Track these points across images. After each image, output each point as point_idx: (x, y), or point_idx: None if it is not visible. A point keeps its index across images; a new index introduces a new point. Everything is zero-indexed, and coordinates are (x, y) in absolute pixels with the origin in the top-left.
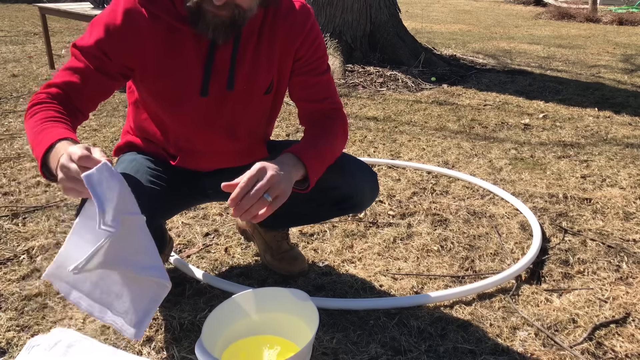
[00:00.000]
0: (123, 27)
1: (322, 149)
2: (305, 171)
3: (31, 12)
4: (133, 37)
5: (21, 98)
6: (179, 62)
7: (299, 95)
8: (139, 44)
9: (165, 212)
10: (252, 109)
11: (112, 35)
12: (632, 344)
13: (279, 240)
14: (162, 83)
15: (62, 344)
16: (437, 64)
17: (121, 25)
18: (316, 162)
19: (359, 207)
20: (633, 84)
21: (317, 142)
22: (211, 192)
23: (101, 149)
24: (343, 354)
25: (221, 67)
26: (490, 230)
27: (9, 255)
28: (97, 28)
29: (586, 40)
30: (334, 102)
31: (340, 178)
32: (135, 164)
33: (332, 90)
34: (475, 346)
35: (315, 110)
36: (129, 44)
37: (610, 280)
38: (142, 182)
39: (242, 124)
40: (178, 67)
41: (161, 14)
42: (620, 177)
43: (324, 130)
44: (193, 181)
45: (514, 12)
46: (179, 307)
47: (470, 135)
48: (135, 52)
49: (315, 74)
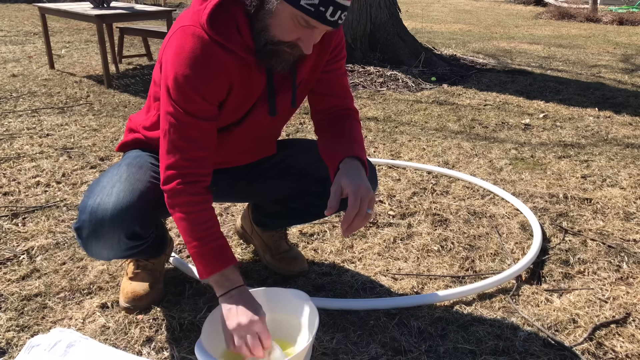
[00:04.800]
0: (212, 69)
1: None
2: (365, 169)
3: (31, 12)
4: (221, 75)
5: (21, 98)
6: (249, 87)
7: (321, 90)
8: (225, 79)
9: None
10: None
11: (208, 82)
12: (633, 344)
13: (277, 240)
14: (236, 107)
15: (61, 344)
16: (437, 63)
17: (211, 68)
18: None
19: None
20: (633, 83)
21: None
22: (214, 190)
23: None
24: (343, 354)
25: (279, 88)
26: (490, 231)
27: (8, 255)
28: (188, 82)
29: (586, 40)
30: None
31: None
32: (140, 159)
33: (349, 90)
34: (476, 346)
35: (335, 105)
36: (220, 83)
37: (610, 280)
38: (146, 177)
39: (276, 133)
40: (249, 92)
41: (235, 48)
42: (621, 177)
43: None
44: None
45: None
46: (179, 307)
47: (471, 135)
48: (224, 87)
49: (340, 74)
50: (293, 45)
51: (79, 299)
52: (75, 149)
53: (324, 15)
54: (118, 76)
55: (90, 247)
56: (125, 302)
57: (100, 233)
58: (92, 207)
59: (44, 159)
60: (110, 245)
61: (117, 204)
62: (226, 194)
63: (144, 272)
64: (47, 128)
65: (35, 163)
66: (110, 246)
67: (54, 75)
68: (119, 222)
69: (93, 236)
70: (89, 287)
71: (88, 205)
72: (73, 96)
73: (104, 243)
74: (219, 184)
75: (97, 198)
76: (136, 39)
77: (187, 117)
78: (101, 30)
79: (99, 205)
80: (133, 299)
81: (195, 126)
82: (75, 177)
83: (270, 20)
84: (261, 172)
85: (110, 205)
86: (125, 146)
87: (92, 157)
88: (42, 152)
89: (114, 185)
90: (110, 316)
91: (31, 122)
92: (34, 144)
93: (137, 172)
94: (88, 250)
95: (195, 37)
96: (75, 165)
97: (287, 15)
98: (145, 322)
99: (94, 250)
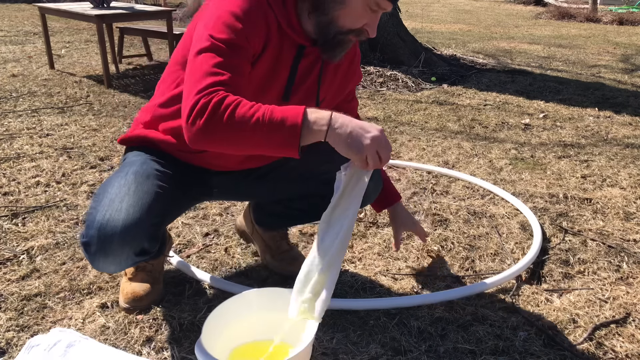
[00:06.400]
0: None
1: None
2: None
3: (31, 12)
4: (264, 27)
5: (21, 98)
6: (278, 60)
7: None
8: (265, 32)
9: (173, 217)
10: None
11: (254, 26)
12: (633, 344)
13: (278, 240)
14: (262, 75)
15: (61, 344)
16: (437, 63)
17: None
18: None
19: (364, 199)
20: (633, 83)
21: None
22: (216, 191)
23: None
24: (343, 354)
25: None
26: (490, 230)
27: (8, 255)
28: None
29: (586, 40)
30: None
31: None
32: (146, 167)
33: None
34: (475, 346)
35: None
36: (261, 32)
37: (610, 280)
38: (153, 188)
39: None
40: (277, 64)
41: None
42: (621, 177)
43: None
44: (201, 180)
45: (514, 11)
46: (179, 307)
47: (471, 135)
48: (262, 39)
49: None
50: (359, 32)
51: (78, 299)
52: (75, 149)
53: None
54: (118, 76)
55: (98, 262)
56: (125, 302)
57: (109, 250)
58: (100, 223)
59: (43, 159)
60: (119, 262)
61: (127, 220)
62: (228, 193)
63: (143, 272)
64: (47, 128)
65: (35, 163)
66: (118, 262)
67: (54, 75)
68: (129, 240)
69: (101, 253)
70: (89, 287)
71: (96, 221)
72: (73, 96)
73: (112, 259)
74: (222, 184)
75: (105, 213)
76: (136, 39)
77: (227, 49)
78: (101, 30)
79: (107, 222)
80: (133, 300)
81: (236, 56)
82: (75, 177)
83: (340, 10)
84: (265, 173)
85: (119, 222)
86: (129, 141)
87: (92, 157)
88: (42, 152)
89: (123, 199)
90: (110, 316)
91: (31, 122)
92: (33, 144)
93: (144, 183)
94: (95, 265)
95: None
96: (75, 165)
97: (360, 3)
98: (145, 322)
99: (101, 265)
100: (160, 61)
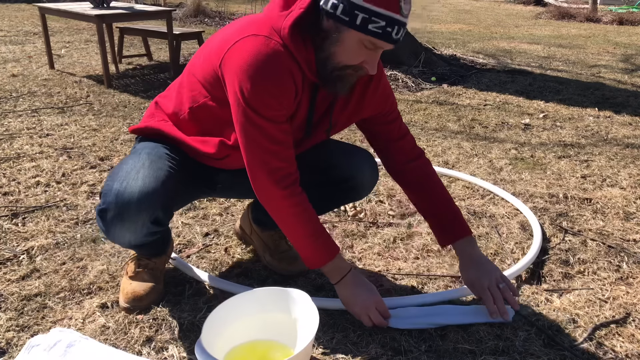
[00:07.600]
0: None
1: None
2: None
3: (31, 12)
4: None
5: (21, 98)
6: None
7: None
8: (295, 96)
9: (182, 201)
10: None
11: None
12: (633, 344)
13: (277, 239)
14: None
15: (61, 344)
16: (437, 63)
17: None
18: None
19: (360, 189)
20: (633, 83)
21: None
22: (219, 187)
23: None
24: (343, 354)
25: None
26: (490, 230)
27: (8, 255)
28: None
29: (586, 40)
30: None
31: (342, 157)
32: (157, 150)
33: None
34: (475, 346)
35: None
36: (291, 96)
37: (610, 280)
38: (165, 167)
39: None
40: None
41: (301, 61)
42: (621, 177)
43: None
44: (207, 175)
45: (514, 11)
46: (179, 307)
47: (471, 135)
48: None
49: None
50: (358, 68)
51: (78, 299)
52: (75, 149)
53: (390, 35)
54: (118, 76)
55: (114, 230)
56: (125, 302)
57: (126, 216)
58: (118, 190)
59: (43, 159)
60: (134, 229)
61: (144, 188)
62: (231, 190)
63: (144, 271)
64: (47, 128)
65: (35, 163)
66: (133, 229)
67: (54, 75)
68: (146, 206)
69: (118, 219)
70: (89, 287)
71: (114, 189)
72: (73, 96)
73: (128, 226)
74: (226, 180)
75: (123, 182)
76: (136, 39)
77: (267, 123)
78: (101, 30)
79: (125, 189)
80: (133, 299)
81: (278, 128)
82: (75, 177)
83: (336, 47)
84: None
85: (137, 188)
86: (141, 132)
87: (92, 157)
88: (42, 152)
89: (139, 171)
90: (110, 316)
91: (31, 122)
92: (33, 144)
93: (158, 161)
94: (110, 233)
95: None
96: (75, 165)
97: (354, 41)
98: (145, 322)
99: (117, 233)
100: (160, 61)
